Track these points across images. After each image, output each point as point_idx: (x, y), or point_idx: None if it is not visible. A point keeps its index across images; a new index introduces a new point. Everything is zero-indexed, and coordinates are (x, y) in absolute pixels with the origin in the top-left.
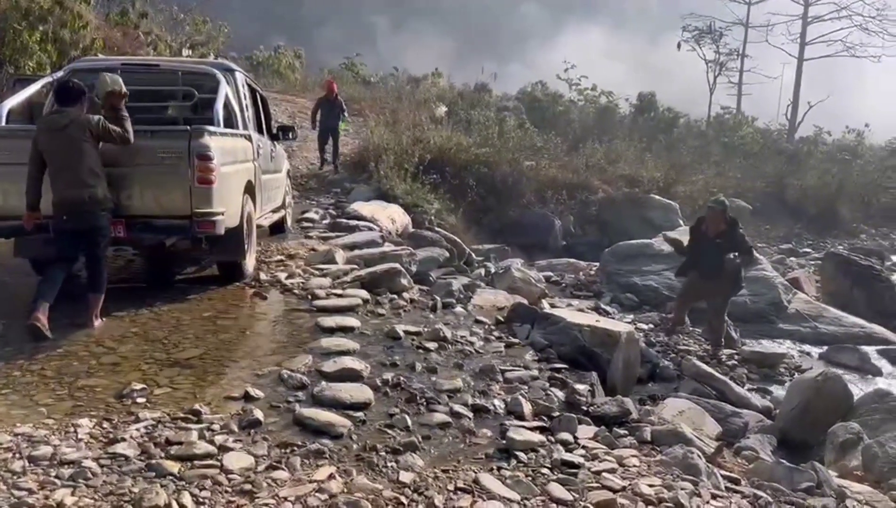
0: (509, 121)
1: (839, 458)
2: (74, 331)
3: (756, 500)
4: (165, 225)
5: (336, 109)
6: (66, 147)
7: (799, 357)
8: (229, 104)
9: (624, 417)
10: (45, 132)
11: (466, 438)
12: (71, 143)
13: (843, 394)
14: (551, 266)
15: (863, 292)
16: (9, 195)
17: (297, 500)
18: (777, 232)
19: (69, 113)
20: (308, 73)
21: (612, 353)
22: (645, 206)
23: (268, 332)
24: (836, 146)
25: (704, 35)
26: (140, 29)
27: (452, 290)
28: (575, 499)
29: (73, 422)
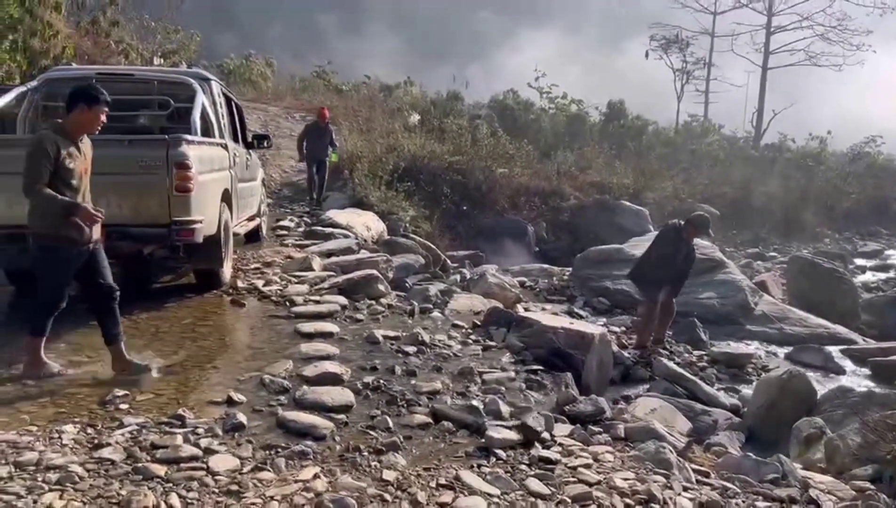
0: (482, 129)
1: (803, 451)
2: (54, 341)
3: (725, 491)
4: (143, 233)
5: (326, 138)
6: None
7: (766, 357)
8: (206, 113)
9: (598, 415)
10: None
11: (447, 438)
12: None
13: (807, 391)
14: (525, 271)
15: (826, 294)
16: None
17: (284, 499)
18: (744, 236)
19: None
20: (279, 81)
21: (585, 354)
22: (615, 212)
23: (247, 339)
24: (800, 153)
25: (672, 44)
26: (111, 37)
27: (429, 296)
28: (552, 493)
29: (58, 429)
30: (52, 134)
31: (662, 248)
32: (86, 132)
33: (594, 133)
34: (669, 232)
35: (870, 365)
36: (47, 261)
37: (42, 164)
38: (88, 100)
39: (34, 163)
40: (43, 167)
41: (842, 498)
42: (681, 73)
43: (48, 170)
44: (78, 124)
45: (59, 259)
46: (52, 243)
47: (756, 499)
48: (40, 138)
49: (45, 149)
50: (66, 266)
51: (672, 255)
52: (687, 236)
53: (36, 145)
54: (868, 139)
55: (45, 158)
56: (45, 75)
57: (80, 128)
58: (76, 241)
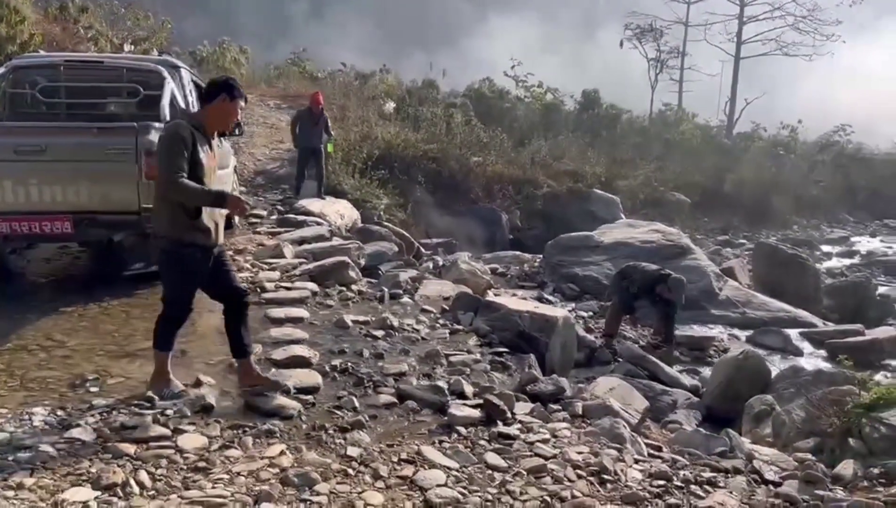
0: (457, 117)
1: (753, 427)
2: (23, 326)
3: (674, 463)
4: (113, 220)
5: (321, 126)
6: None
7: (728, 340)
8: (175, 101)
9: (559, 394)
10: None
11: (411, 416)
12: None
13: (761, 371)
14: (498, 258)
15: (789, 279)
16: None
17: (250, 474)
18: (715, 224)
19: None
20: (253, 69)
21: (550, 337)
22: (588, 200)
23: (217, 324)
24: (771, 141)
25: (646, 33)
26: (80, 24)
27: (400, 282)
28: (509, 466)
29: (28, 411)
30: (187, 123)
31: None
32: (221, 127)
33: (569, 122)
34: (648, 280)
35: (827, 347)
36: (174, 270)
37: (180, 153)
38: (231, 92)
39: (171, 153)
40: (181, 156)
41: (784, 468)
42: (655, 62)
43: (185, 160)
44: (216, 116)
45: (186, 267)
46: (179, 249)
47: (703, 470)
48: (176, 125)
49: (182, 137)
50: (194, 275)
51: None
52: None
53: (172, 133)
54: (837, 128)
55: (183, 147)
56: (11, 62)
57: (217, 120)
58: (204, 246)
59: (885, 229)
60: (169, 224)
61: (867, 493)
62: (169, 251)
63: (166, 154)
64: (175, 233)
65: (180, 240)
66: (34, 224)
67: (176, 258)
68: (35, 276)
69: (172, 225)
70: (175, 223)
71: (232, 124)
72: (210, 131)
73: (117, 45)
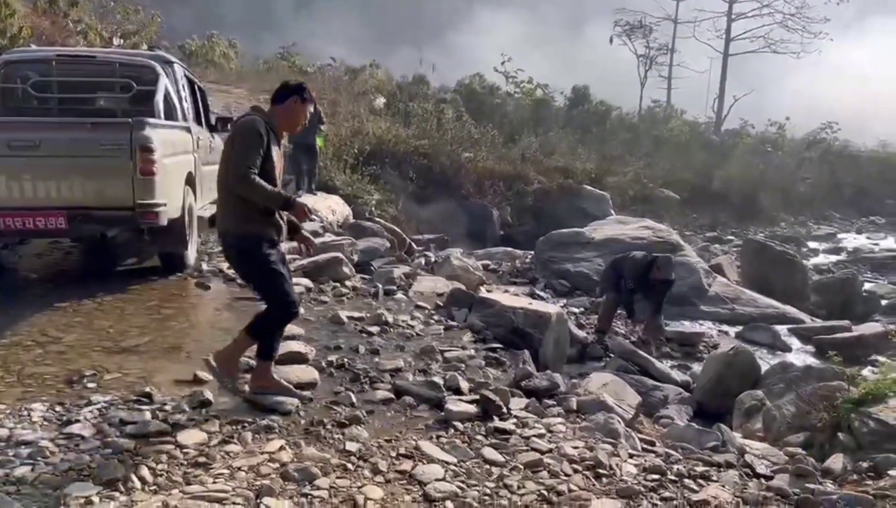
0: (447, 113)
1: (744, 422)
2: (17, 322)
3: (668, 458)
4: (108, 216)
5: (312, 121)
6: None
7: (717, 336)
8: (169, 96)
9: (553, 390)
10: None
11: (408, 412)
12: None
13: (751, 366)
14: (489, 254)
15: (778, 276)
16: None
17: (251, 469)
18: (703, 220)
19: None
20: (242, 63)
21: (543, 333)
22: (578, 197)
23: (213, 320)
24: (759, 138)
25: (635, 30)
26: (69, 17)
27: (393, 278)
28: (506, 460)
29: (26, 407)
30: (263, 120)
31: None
32: (289, 128)
33: (559, 118)
34: (639, 267)
35: (815, 342)
36: (258, 265)
37: (256, 150)
38: (302, 95)
39: (248, 148)
40: (256, 153)
41: (775, 462)
42: (644, 58)
43: (260, 157)
44: (286, 117)
45: (268, 258)
46: (254, 243)
47: (696, 464)
48: (253, 121)
49: (259, 133)
50: (278, 267)
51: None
52: (654, 275)
53: (249, 126)
54: (824, 125)
55: (259, 143)
56: (2, 57)
57: (287, 121)
58: (276, 242)
59: (871, 226)
60: (243, 219)
61: (856, 486)
62: (243, 248)
63: (243, 147)
64: (247, 228)
65: (254, 234)
66: (28, 219)
67: (254, 252)
68: (27, 272)
69: (246, 219)
70: (249, 218)
71: (298, 127)
72: (279, 131)
73: (107, 39)
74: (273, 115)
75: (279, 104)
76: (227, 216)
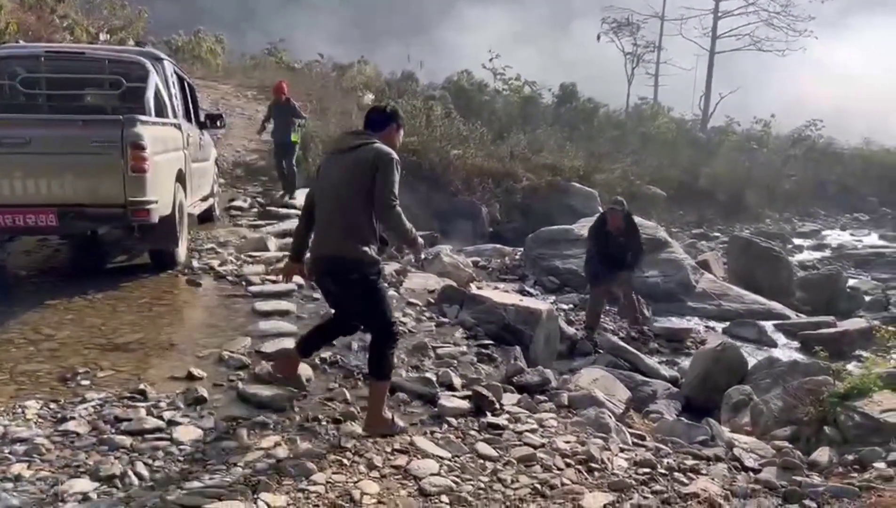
0: (436, 110)
1: (732, 416)
2: (7, 320)
3: (658, 452)
4: (98, 213)
5: (288, 117)
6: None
7: (704, 332)
8: (159, 93)
9: (544, 385)
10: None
11: (402, 408)
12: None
13: (738, 362)
14: (479, 251)
15: (763, 272)
16: None
17: (247, 465)
18: (690, 217)
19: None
20: (230, 59)
21: (534, 329)
22: (567, 194)
23: (205, 317)
24: (744, 136)
25: (623, 27)
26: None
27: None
28: (500, 455)
29: (20, 404)
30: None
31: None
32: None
33: (547, 115)
34: (596, 227)
35: (800, 338)
36: (378, 294)
37: (397, 182)
38: (400, 121)
39: (395, 179)
40: (397, 185)
41: (763, 456)
42: (632, 56)
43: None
44: (388, 144)
45: (382, 287)
46: (376, 273)
47: (685, 458)
48: (392, 153)
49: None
50: (383, 286)
51: (598, 247)
52: (610, 227)
53: (394, 158)
54: (809, 123)
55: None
56: None
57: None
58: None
59: (854, 223)
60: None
61: (842, 478)
62: (363, 275)
63: (391, 178)
64: (367, 254)
65: (373, 259)
66: (18, 216)
67: (372, 279)
68: (16, 269)
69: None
70: (369, 243)
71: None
72: None
73: (93, 35)
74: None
75: (379, 131)
76: (346, 239)
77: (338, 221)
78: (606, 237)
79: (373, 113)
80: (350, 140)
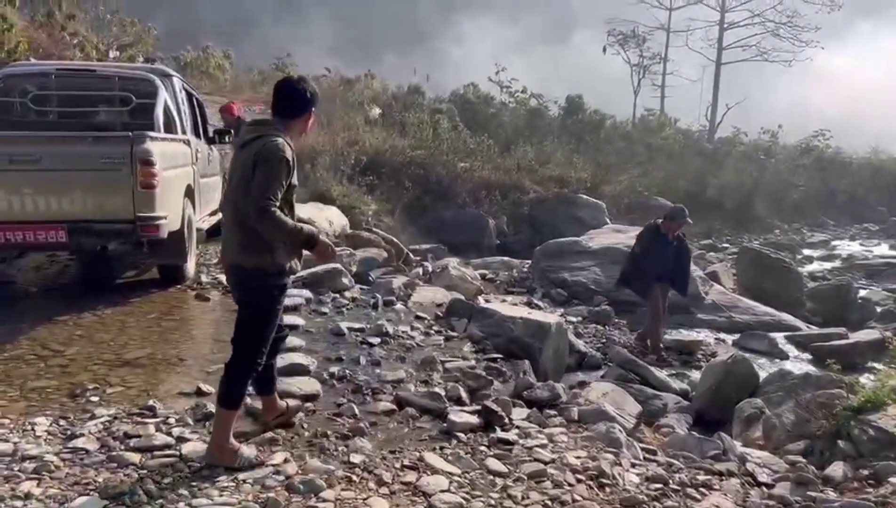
0: (443, 123)
1: (744, 430)
2: (17, 336)
3: (670, 467)
4: (108, 229)
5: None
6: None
7: (715, 344)
8: (168, 109)
9: (554, 400)
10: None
11: (411, 423)
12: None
13: (750, 375)
14: (486, 264)
15: (773, 283)
16: None
17: (256, 482)
18: (698, 228)
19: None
20: (238, 73)
21: (542, 343)
22: (574, 205)
23: (213, 332)
24: (752, 146)
25: (629, 39)
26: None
27: (393, 288)
28: (510, 471)
29: (30, 421)
30: (284, 139)
31: (638, 246)
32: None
33: (553, 127)
34: (645, 230)
35: (811, 350)
36: (259, 305)
37: (281, 179)
38: (316, 103)
39: (274, 177)
40: (280, 183)
41: (776, 471)
42: (638, 67)
43: (283, 188)
44: (301, 131)
45: (272, 300)
46: (271, 285)
47: (698, 473)
48: (279, 145)
49: (287, 159)
50: (278, 309)
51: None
52: (666, 231)
53: (274, 152)
54: (816, 133)
55: (286, 171)
56: (3, 71)
57: (299, 136)
58: (294, 271)
59: (864, 232)
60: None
61: (857, 494)
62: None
63: (267, 176)
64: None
65: (271, 268)
66: (28, 233)
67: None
68: (26, 285)
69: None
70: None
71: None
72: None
73: (103, 52)
74: (287, 129)
75: (294, 117)
76: (238, 246)
77: (236, 227)
78: (664, 242)
79: (287, 94)
80: (246, 133)
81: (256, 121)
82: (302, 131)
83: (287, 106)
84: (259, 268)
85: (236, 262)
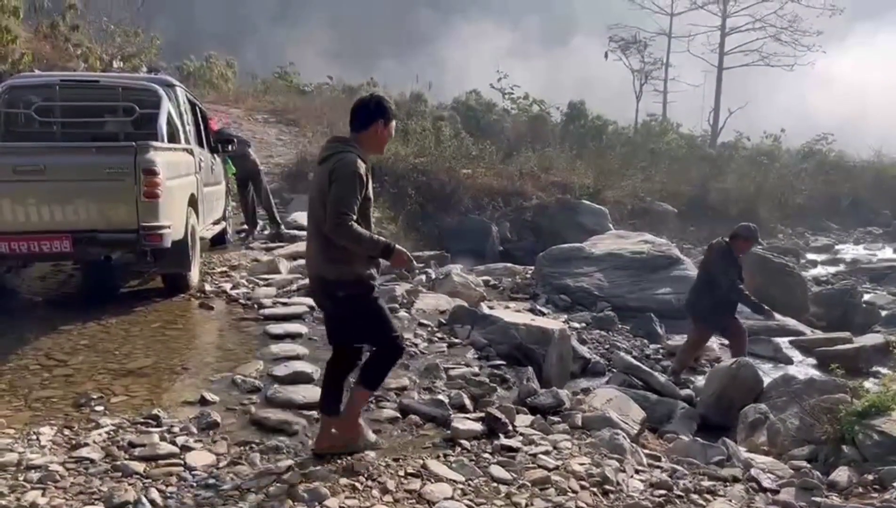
0: (445, 130)
1: (749, 435)
2: (22, 346)
3: (674, 473)
4: (112, 239)
5: (240, 147)
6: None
7: (719, 349)
8: (171, 119)
9: (558, 406)
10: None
11: (414, 430)
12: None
13: (754, 380)
14: (489, 270)
15: (777, 288)
16: None
17: (260, 490)
18: (701, 233)
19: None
20: (240, 83)
21: (546, 349)
22: (577, 211)
23: (217, 340)
24: (755, 150)
25: (630, 45)
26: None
27: (396, 296)
28: (514, 478)
29: (35, 431)
30: (357, 154)
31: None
32: (376, 153)
33: (555, 133)
34: (715, 255)
35: (816, 354)
36: (368, 313)
37: (356, 193)
38: (387, 115)
39: (350, 192)
40: (355, 197)
41: (780, 476)
42: (639, 73)
43: (358, 201)
44: (373, 144)
45: (375, 305)
46: (365, 291)
47: (702, 479)
48: (352, 161)
49: (360, 174)
50: (384, 308)
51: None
52: (739, 252)
53: (352, 168)
54: (819, 137)
55: (360, 185)
56: (7, 82)
57: (374, 148)
58: (369, 280)
59: (868, 236)
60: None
61: (862, 499)
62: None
63: (343, 191)
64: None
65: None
66: (33, 243)
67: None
68: (30, 295)
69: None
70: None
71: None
72: (367, 160)
73: (107, 62)
74: (360, 144)
75: (362, 130)
76: (320, 257)
77: (316, 240)
78: (736, 264)
79: (356, 109)
80: (324, 150)
81: (334, 139)
82: (377, 143)
83: (355, 120)
84: (340, 279)
85: (320, 274)
